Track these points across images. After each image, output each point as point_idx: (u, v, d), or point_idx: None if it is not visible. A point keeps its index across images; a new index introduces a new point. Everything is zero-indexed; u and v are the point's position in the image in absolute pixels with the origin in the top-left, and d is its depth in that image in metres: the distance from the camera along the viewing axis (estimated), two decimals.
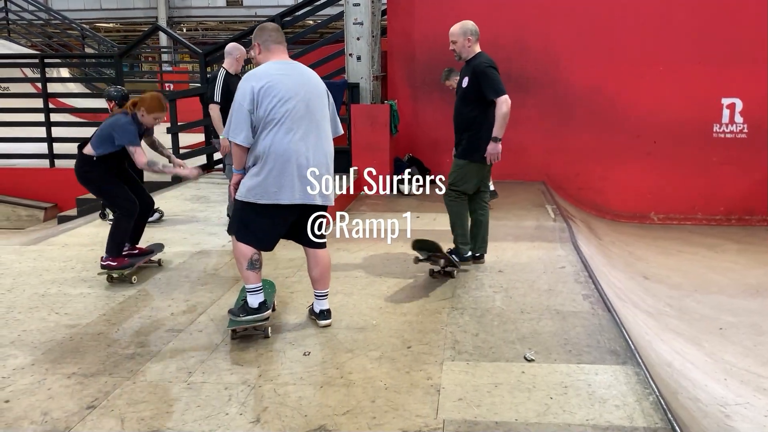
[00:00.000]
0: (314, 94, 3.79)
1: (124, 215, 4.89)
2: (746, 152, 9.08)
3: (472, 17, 5.81)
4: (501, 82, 4.84)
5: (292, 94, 3.66)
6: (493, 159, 4.94)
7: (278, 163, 3.63)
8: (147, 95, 4.93)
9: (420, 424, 2.90)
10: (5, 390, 3.24)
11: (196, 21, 25.38)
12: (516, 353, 3.63)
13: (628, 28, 9.12)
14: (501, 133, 4.88)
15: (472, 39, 4.96)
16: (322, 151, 3.78)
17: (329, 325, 3.99)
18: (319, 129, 3.78)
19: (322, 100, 3.86)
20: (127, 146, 4.76)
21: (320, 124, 3.80)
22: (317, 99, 3.80)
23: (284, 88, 3.65)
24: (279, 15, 10.22)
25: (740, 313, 5.91)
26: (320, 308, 4.03)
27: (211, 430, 2.87)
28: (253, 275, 3.77)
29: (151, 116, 4.87)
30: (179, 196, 7.87)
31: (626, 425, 2.88)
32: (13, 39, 17.77)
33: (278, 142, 3.63)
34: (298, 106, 3.67)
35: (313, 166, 3.70)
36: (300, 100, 3.68)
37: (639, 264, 7.23)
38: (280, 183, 3.64)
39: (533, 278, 4.97)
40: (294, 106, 3.65)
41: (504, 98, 4.79)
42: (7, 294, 4.62)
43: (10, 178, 9.49)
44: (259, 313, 3.77)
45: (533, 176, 9.24)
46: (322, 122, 3.83)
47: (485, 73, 4.85)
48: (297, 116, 3.66)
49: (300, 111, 3.67)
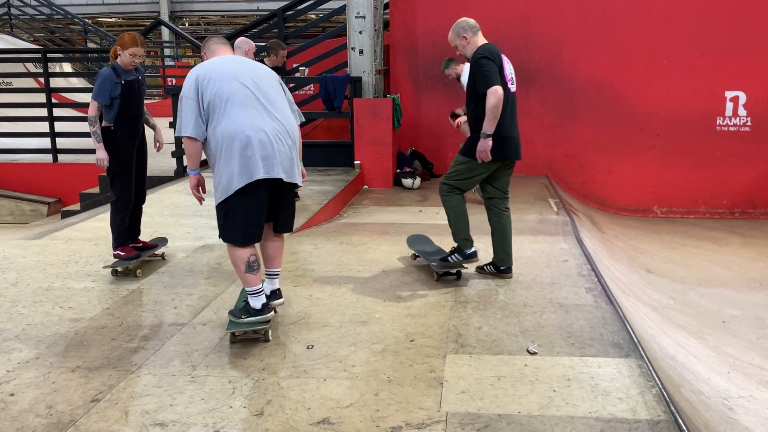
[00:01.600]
0: (263, 77, 3.69)
1: (117, 208, 4.87)
2: (750, 145, 9.07)
3: (475, 10, 5.83)
4: (493, 73, 4.45)
5: (237, 75, 3.58)
6: (482, 157, 4.55)
7: (236, 144, 3.50)
8: (122, 35, 4.80)
9: (423, 417, 2.91)
10: (10, 383, 3.25)
11: (198, 15, 25.35)
12: (519, 346, 3.63)
13: (632, 22, 9.10)
14: (490, 129, 4.48)
15: (469, 34, 4.61)
16: (284, 129, 3.63)
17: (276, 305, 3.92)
18: (275, 107, 3.63)
19: (274, 84, 3.74)
20: (92, 97, 4.66)
21: (275, 102, 3.65)
22: (267, 81, 3.69)
23: (228, 70, 3.59)
24: (281, 9, 10.20)
25: (744, 306, 5.91)
26: (273, 287, 3.96)
27: (215, 423, 2.88)
28: (252, 278, 3.67)
29: (127, 53, 4.68)
30: (182, 190, 7.87)
31: (629, 418, 2.89)
32: (15, 34, 17.78)
33: (231, 122, 3.51)
34: (246, 84, 3.57)
35: (276, 143, 3.56)
36: (247, 79, 3.59)
37: (642, 257, 7.23)
38: (244, 165, 3.50)
39: (536, 271, 4.97)
40: (241, 86, 3.55)
41: (492, 90, 4.39)
42: (12, 288, 4.64)
43: (14, 173, 9.52)
44: (263, 314, 3.67)
45: (536, 170, 9.23)
46: (278, 102, 3.69)
47: (476, 65, 4.52)
48: (246, 94, 3.55)
49: (248, 89, 3.56)
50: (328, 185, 7.76)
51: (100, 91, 4.64)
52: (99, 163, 4.78)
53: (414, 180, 8.36)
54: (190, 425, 2.85)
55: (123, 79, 4.71)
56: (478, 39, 4.64)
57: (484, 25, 4.94)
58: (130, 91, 4.76)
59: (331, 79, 8.87)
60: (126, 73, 4.75)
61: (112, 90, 4.66)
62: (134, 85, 4.81)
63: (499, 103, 4.41)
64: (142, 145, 5.01)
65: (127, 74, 4.75)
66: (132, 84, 4.78)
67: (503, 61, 4.61)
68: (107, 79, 4.66)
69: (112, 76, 4.68)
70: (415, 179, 8.37)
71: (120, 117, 4.73)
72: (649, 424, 2.84)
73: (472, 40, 4.63)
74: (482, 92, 4.46)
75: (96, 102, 4.65)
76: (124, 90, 4.71)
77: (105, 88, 4.64)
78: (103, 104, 4.67)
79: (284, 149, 3.61)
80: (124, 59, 4.72)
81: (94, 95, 4.65)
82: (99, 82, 4.66)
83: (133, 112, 4.83)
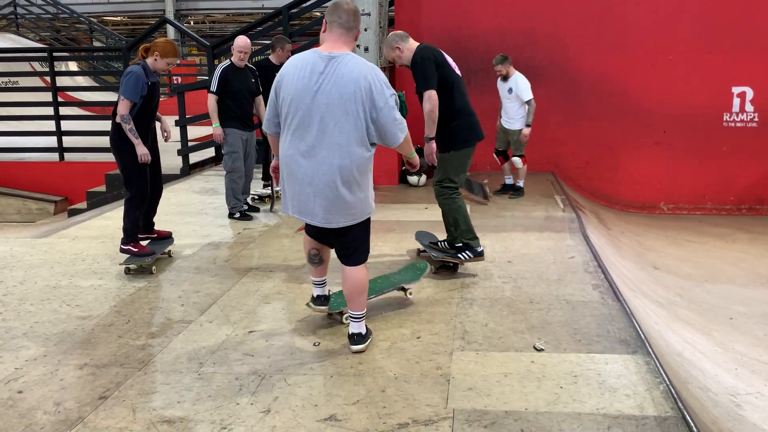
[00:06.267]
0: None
1: (133, 202, 4.92)
2: (757, 141, 9.02)
3: (480, 7, 5.84)
4: (430, 75, 4.47)
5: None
6: (429, 160, 4.62)
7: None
8: (160, 40, 4.90)
9: (430, 414, 2.91)
10: (18, 381, 3.26)
11: (204, 14, 25.40)
12: (526, 343, 3.63)
13: (638, 17, 9.06)
14: (431, 132, 4.55)
15: (401, 44, 4.59)
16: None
17: (361, 351, 3.54)
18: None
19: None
20: (120, 95, 4.70)
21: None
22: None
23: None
24: (286, 6, 10.17)
25: (751, 303, 5.89)
26: (350, 331, 3.60)
27: (222, 420, 2.88)
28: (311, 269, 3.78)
29: (165, 61, 4.81)
30: (188, 188, 7.89)
31: (636, 414, 2.88)
32: (21, 33, 17.86)
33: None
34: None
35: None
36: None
37: (649, 254, 7.21)
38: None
39: (542, 268, 4.96)
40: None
41: (427, 95, 4.44)
42: (19, 286, 4.66)
43: (21, 172, 9.56)
44: (315, 304, 3.83)
45: (542, 167, 9.21)
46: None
47: (414, 65, 4.54)
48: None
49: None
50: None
51: (133, 89, 4.69)
52: (142, 158, 4.83)
53: (420, 177, 8.35)
54: (198, 422, 2.86)
55: (150, 81, 4.81)
56: (411, 44, 4.64)
57: (490, 22, 4.94)
58: (153, 92, 4.87)
59: None
60: (152, 74, 4.85)
61: (142, 89, 4.74)
62: (156, 87, 4.94)
63: (434, 107, 4.46)
64: (153, 141, 5.08)
65: (153, 76, 4.85)
66: (155, 85, 4.91)
67: (442, 54, 4.67)
68: (140, 77, 4.73)
69: (143, 76, 4.75)
70: (420, 176, 8.35)
71: (139, 115, 4.80)
72: (656, 420, 2.83)
73: (406, 48, 4.62)
74: (418, 91, 4.50)
75: (128, 100, 4.70)
76: (149, 90, 4.81)
77: (138, 86, 4.71)
78: (133, 102, 4.71)
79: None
80: (159, 65, 4.83)
81: (127, 93, 4.68)
82: (132, 80, 4.70)
83: (151, 112, 4.92)
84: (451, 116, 4.63)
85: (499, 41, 8.79)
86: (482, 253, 4.81)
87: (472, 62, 9.24)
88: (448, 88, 4.59)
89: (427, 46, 4.69)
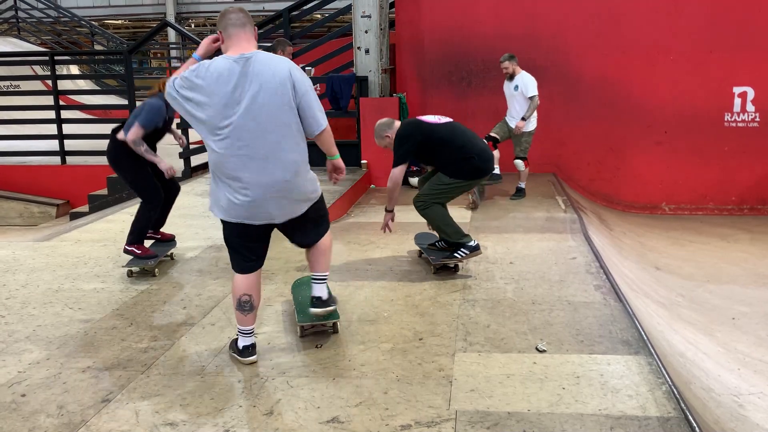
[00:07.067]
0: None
1: (148, 206, 4.97)
2: (758, 141, 9.02)
3: (483, 7, 5.84)
4: (403, 154, 4.84)
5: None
6: (382, 229, 5.08)
7: None
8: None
9: (432, 415, 2.91)
10: (21, 384, 3.27)
11: (204, 16, 25.39)
12: (528, 344, 3.63)
13: (639, 18, 9.06)
14: (390, 206, 5.02)
15: (389, 131, 4.92)
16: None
17: (321, 315, 3.63)
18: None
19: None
20: (136, 121, 4.74)
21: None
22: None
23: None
24: (287, 9, 10.20)
25: (753, 302, 5.88)
26: (313, 294, 3.61)
27: (225, 422, 2.89)
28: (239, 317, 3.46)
29: None
30: (190, 191, 7.89)
31: (639, 415, 2.88)
32: (22, 37, 17.86)
33: None
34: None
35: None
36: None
37: (650, 254, 7.20)
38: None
39: (544, 269, 4.97)
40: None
41: (392, 172, 4.84)
42: (22, 290, 4.67)
43: (23, 176, 9.56)
44: (243, 356, 3.45)
45: (544, 168, 9.21)
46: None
47: (395, 142, 4.87)
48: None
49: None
50: (335, 185, 7.74)
51: (148, 120, 4.78)
52: (168, 173, 4.94)
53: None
54: (201, 425, 2.87)
55: (168, 115, 4.94)
56: (396, 126, 4.96)
57: (491, 22, 4.98)
58: (166, 123, 5.02)
59: (337, 78, 8.88)
60: (171, 109, 4.89)
61: (158, 121, 4.86)
62: (171, 119, 5.08)
63: (394, 186, 4.90)
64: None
65: (171, 110, 4.93)
66: (172, 119, 5.07)
67: (420, 121, 4.97)
68: (162, 111, 4.85)
69: (163, 111, 4.86)
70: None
71: (146, 137, 4.87)
72: (659, 421, 2.83)
73: (393, 133, 4.92)
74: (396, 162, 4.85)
75: (141, 128, 4.76)
76: (164, 123, 4.95)
77: (156, 119, 4.83)
78: (141, 125, 4.77)
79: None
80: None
81: (142, 121, 4.75)
82: (151, 112, 4.79)
83: (159, 134, 5.03)
84: (449, 162, 4.87)
85: (499, 43, 8.79)
86: (477, 246, 4.84)
87: (472, 63, 9.26)
88: (444, 143, 4.85)
89: (408, 122, 5.06)
